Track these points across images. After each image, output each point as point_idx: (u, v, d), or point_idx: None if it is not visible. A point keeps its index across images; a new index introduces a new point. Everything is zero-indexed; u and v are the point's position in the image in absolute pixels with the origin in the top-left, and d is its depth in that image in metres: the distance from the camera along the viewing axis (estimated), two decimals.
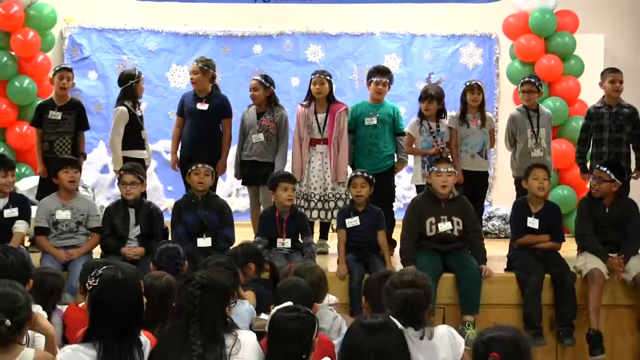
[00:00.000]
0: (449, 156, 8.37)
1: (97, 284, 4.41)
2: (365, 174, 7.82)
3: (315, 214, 8.54)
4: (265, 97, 8.76)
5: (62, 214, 7.68)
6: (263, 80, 8.75)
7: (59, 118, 8.67)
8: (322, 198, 8.56)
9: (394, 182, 8.94)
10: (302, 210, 8.34)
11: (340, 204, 8.45)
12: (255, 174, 8.66)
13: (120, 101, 8.83)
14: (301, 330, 4.20)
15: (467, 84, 8.76)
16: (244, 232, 8.56)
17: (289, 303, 4.49)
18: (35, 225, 7.75)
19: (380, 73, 8.78)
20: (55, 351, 4.35)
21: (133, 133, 8.76)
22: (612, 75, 8.69)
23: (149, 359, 4.21)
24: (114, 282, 4.31)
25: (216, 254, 6.70)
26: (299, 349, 4.14)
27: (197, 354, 4.06)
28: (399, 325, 3.97)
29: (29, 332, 4.45)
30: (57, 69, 8.85)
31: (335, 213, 8.39)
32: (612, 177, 7.69)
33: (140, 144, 8.79)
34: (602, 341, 7.32)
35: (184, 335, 4.12)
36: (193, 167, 7.91)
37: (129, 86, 8.80)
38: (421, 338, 4.63)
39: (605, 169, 7.72)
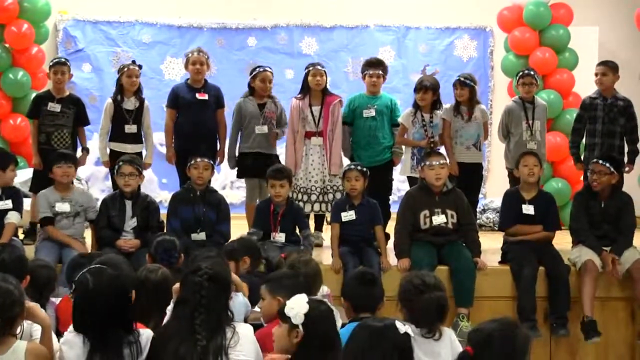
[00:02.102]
0: (439, 148, 8.39)
1: (74, 285, 4.41)
2: (359, 167, 7.81)
3: (317, 207, 8.58)
4: (270, 88, 8.81)
5: (62, 206, 7.69)
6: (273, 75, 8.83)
7: (58, 110, 8.64)
8: (322, 191, 8.58)
9: (392, 176, 8.95)
10: (302, 204, 8.36)
11: (339, 195, 8.46)
12: (258, 166, 8.59)
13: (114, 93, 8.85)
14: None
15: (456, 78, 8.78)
16: (238, 225, 8.58)
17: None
18: (41, 216, 7.72)
19: (373, 65, 8.79)
20: (51, 342, 4.35)
21: (117, 126, 8.74)
22: (597, 68, 8.78)
23: (150, 349, 4.21)
24: (85, 286, 4.28)
25: (207, 248, 6.69)
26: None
27: (201, 345, 4.06)
28: (404, 329, 3.96)
29: (27, 322, 4.45)
30: (52, 63, 8.81)
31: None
32: (612, 169, 7.71)
33: (124, 138, 8.70)
34: (597, 327, 7.33)
35: (189, 326, 4.11)
36: (192, 162, 7.90)
37: (116, 79, 8.82)
38: (424, 336, 4.66)
39: (603, 162, 7.72)
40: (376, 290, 5.14)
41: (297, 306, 4.09)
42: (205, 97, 8.78)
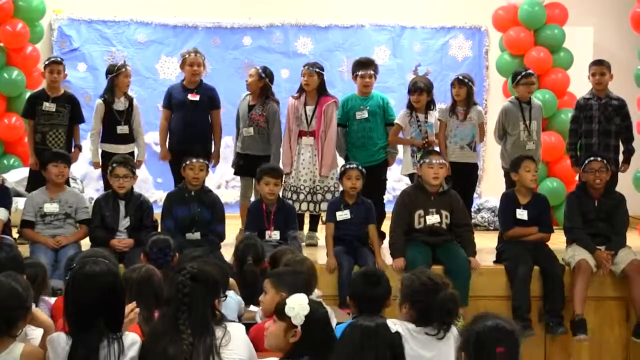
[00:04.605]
0: (434, 148, 8.40)
1: (67, 278, 4.38)
2: (359, 167, 7.82)
3: (304, 206, 8.57)
4: (258, 87, 8.77)
5: (50, 207, 7.66)
6: (260, 71, 8.79)
7: (53, 110, 8.64)
8: (311, 190, 8.58)
9: (386, 176, 8.95)
10: (291, 202, 8.35)
11: (329, 196, 8.48)
12: (250, 166, 8.61)
13: (102, 94, 8.84)
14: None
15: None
16: (234, 225, 8.60)
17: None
18: (22, 218, 7.72)
19: (364, 66, 8.76)
20: None
21: (108, 127, 8.77)
22: (593, 68, 8.75)
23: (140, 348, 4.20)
24: (77, 279, 4.26)
25: (193, 248, 6.68)
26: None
27: (187, 343, 4.06)
28: (395, 328, 3.95)
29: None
30: (47, 62, 8.81)
31: (323, 205, 8.43)
32: (608, 166, 7.79)
33: (117, 139, 8.74)
34: (586, 326, 7.33)
35: (174, 325, 4.11)
36: (187, 162, 7.87)
37: (110, 79, 8.80)
38: (427, 334, 4.67)
39: (602, 159, 7.77)
40: (380, 291, 5.13)
41: (298, 307, 4.06)
42: (197, 97, 8.78)
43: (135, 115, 8.87)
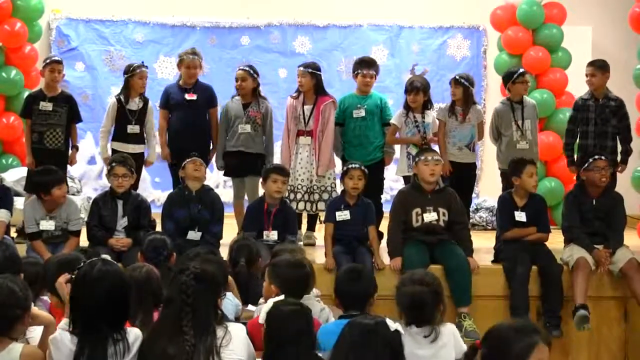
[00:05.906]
0: (432, 145, 8.40)
1: (73, 279, 4.36)
2: (363, 167, 7.81)
3: (301, 205, 8.57)
4: (252, 87, 8.77)
5: (46, 224, 7.59)
6: (251, 71, 8.76)
7: (50, 109, 8.61)
8: (308, 190, 8.58)
9: (383, 175, 8.95)
10: (288, 201, 8.35)
11: (326, 196, 8.49)
12: (241, 164, 8.68)
13: (118, 93, 8.87)
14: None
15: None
16: (233, 224, 8.60)
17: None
18: (28, 231, 7.65)
19: (367, 65, 8.78)
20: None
21: (120, 126, 8.77)
22: (585, 69, 8.77)
23: (139, 348, 4.19)
24: (86, 280, 4.24)
25: (200, 247, 6.68)
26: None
27: (189, 344, 4.05)
28: (394, 326, 3.96)
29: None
30: (47, 61, 8.78)
31: (319, 205, 8.44)
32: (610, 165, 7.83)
33: (127, 138, 8.74)
34: (589, 310, 7.28)
35: (176, 326, 4.10)
36: (187, 159, 7.89)
37: (125, 79, 8.80)
38: (426, 336, 4.67)
39: (605, 157, 7.77)
40: (362, 287, 5.12)
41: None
42: (194, 97, 8.81)
43: (149, 117, 8.87)
